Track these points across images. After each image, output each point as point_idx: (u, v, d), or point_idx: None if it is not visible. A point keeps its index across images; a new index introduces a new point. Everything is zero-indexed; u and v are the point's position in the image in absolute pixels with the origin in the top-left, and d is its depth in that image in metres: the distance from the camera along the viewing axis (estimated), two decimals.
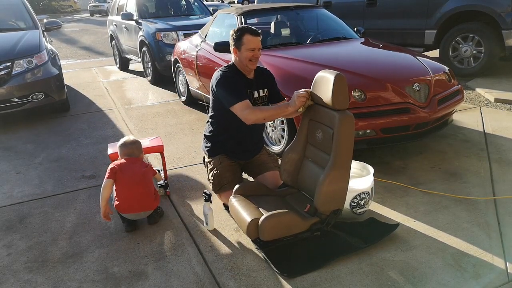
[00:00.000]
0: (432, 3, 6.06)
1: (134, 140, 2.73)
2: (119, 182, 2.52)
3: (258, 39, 2.53)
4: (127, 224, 2.63)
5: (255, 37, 2.51)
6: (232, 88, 2.53)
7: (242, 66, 2.59)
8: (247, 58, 2.53)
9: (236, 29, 2.57)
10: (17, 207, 3.05)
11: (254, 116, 2.45)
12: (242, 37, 2.51)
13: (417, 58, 3.75)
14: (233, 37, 2.55)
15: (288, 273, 2.13)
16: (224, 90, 2.55)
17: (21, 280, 2.22)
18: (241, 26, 2.59)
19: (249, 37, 2.50)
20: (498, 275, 2.07)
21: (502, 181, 3.02)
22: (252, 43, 2.50)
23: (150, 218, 2.68)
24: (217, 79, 2.59)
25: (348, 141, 2.20)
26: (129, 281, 2.17)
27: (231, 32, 2.58)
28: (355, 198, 2.54)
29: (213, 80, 2.64)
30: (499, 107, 4.76)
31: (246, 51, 2.51)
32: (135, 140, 2.74)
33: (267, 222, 2.17)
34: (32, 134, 4.75)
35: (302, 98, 2.34)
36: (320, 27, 4.82)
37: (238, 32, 2.53)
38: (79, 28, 19.97)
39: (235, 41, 2.54)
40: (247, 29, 2.53)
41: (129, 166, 2.58)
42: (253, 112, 2.45)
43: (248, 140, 2.79)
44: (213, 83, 2.63)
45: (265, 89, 2.72)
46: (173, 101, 5.93)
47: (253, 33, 2.51)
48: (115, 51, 8.86)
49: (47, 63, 5.12)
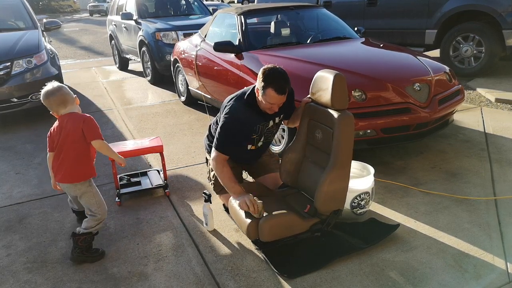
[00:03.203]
0: (432, 3, 6.05)
1: (58, 86, 2.34)
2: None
3: (282, 98, 2.33)
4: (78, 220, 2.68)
5: (279, 96, 2.30)
6: (229, 137, 2.42)
7: (260, 105, 2.43)
8: (266, 108, 2.39)
9: (265, 72, 2.30)
10: (17, 208, 3.05)
11: (216, 168, 2.42)
12: (266, 88, 2.29)
13: (417, 58, 3.74)
14: (260, 79, 2.32)
15: (288, 274, 2.12)
16: (223, 130, 2.43)
17: (21, 281, 2.22)
18: (270, 74, 2.29)
19: (272, 93, 2.28)
20: (498, 276, 2.06)
21: (503, 181, 3.01)
22: (273, 99, 2.31)
23: (72, 252, 2.35)
24: (228, 111, 2.43)
25: (348, 141, 2.20)
26: (129, 281, 2.16)
27: (262, 70, 2.32)
28: (356, 199, 2.53)
29: (227, 103, 2.49)
30: (500, 107, 4.75)
31: (266, 102, 2.34)
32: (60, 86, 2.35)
33: (267, 223, 2.17)
34: (31, 134, 4.75)
35: (245, 207, 2.25)
36: (320, 27, 4.81)
37: (264, 83, 2.29)
38: (78, 28, 19.97)
39: (260, 84, 2.32)
40: (274, 85, 2.27)
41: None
42: (218, 167, 2.41)
43: (254, 157, 2.77)
44: (224, 108, 2.48)
45: (281, 115, 2.58)
46: (172, 101, 5.92)
47: (278, 91, 2.28)
48: (114, 51, 8.86)
49: (47, 63, 5.12)
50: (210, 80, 4.61)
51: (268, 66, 2.34)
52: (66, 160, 2.25)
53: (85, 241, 2.30)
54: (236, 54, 4.08)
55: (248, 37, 4.22)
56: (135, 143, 3.21)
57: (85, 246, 2.31)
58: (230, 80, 4.12)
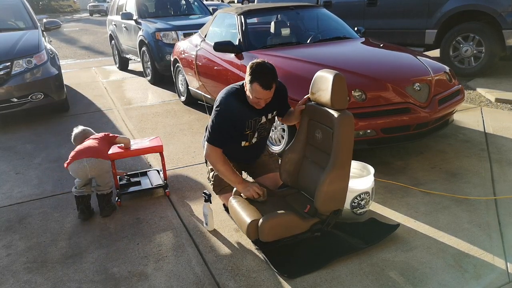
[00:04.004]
0: (432, 2, 6.05)
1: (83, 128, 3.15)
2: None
3: (268, 93, 2.31)
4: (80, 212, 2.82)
5: (264, 91, 2.28)
6: (222, 128, 2.41)
7: (249, 100, 2.42)
8: (253, 102, 2.39)
9: (253, 67, 2.29)
10: (17, 208, 3.05)
11: (214, 162, 2.44)
12: (252, 83, 2.28)
13: (417, 58, 3.74)
14: (248, 73, 2.31)
15: (288, 274, 2.12)
16: (215, 123, 2.42)
17: (21, 281, 2.22)
18: (257, 69, 2.28)
19: (257, 88, 2.28)
20: (498, 276, 2.06)
21: (503, 181, 3.01)
22: (259, 94, 2.31)
23: (102, 211, 2.83)
24: (218, 105, 2.42)
25: (348, 141, 2.19)
26: (129, 281, 2.16)
27: (249, 64, 2.32)
28: (356, 199, 2.53)
29: (219, 98, 2.47)
30: (500, 107, 4.75)
31: (253, 97, 2.34)
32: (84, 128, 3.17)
33: (267, 223, 2.17)
34: (31, 134, 4.75)
35: (254, 193, 2.36)
36: (320, 27, 4.81)
37: (251, 77, 2.28)
38: (78, 28, 19.96)
39: (247, 79, 2.32)
40: (260, 80, 2.26)
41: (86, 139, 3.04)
42: (216, 160, 2.43)
43: (251, 155, 2.77)
44: (217, 101, 2.46)
45: (274, 111, 2.58)
46: (172, 101, 5.92)
47: (264, 87, 2.27)
48: (114, 51, 8.86)
49: (47, 63, 5.11)
50: (210, 80, 4.61)
51: (257, 61, 2.33)
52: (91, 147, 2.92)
53: (110, 195, 2.89)
54: (236, 54, 4.09)
55: (248, 37, 4.22)
56: (135, 143, 3.21)
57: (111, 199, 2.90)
58: (230, 80, 4.12)
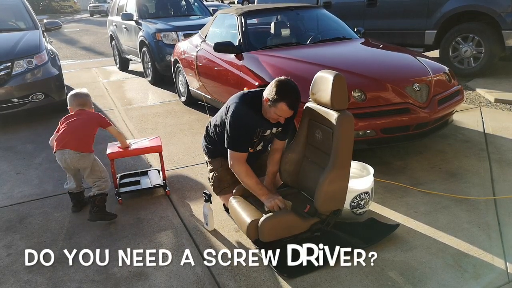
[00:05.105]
0: (432, 3, 6.05)
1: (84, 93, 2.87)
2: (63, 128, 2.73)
3: (291, 112, 2.32)
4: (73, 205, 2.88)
5: (290, 111, 2.29)
6: (240, 135, 2.40)
7: (265, 113, 2.40)
8: (271, 117, 2.37)
9: (279, 85, 2.26)
10: (17, 208, 3.05)
11: (238, 171, 2.43)
12: (279, 102, 2.25)
13: (417, 58, 3.74)
14: (272, 91, 2.26)
15: (288, 274, 2.12)
16: (232, 130, 2.40)
17: (21, 281, 2.22)
18: (285, 88, 2.26)
19: (284, 107, 2.26)
20: (498, 276, 2.07)
21: (502, 181, 3.02)
22: (284, 113, 2.30)
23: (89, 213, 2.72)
24: (233, 111, 2.39)
25: (347, 141, 2.20)
26: (129, 281, 2.17)
27: (273, 82, 2.29)
28: (355, 199, 2.54)
29: (230, 104, 2.45)
30: (499, 107, 4.75)
31: (274, 113, 2.32)
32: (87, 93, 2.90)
33: (267, 223, 2.17)
34: (32, 134, 4.75)
35: (276, 206, 2.32)
36: (320, 27, 4.82)
37: (278, 96, 2.24)
38: (79, 29, 19.96)
39: (272, 97, 2.27)
40: (288, 100, 2.25)
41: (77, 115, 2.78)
42: (241, 170, 2.42)
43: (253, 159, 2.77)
44: (228, 108, 2.44)
45: (280, 127, 2.53)
46: (173, 101, 5.93)
47: (290, 107, 2.26)
48: (115, 52, 8.86)
49: (47, 63, 5.12)
50: (210, 81, 4.62)
51: (282, 79, 2.31)
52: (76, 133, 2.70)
53: (101, 200, 2.69)
54: (236, 55, 4.09)
55: (248, 37, 4.23)
56: (134, 143, 3.22)
57: (102, 205, 2.68)
58: (230, 81, 4.13)
